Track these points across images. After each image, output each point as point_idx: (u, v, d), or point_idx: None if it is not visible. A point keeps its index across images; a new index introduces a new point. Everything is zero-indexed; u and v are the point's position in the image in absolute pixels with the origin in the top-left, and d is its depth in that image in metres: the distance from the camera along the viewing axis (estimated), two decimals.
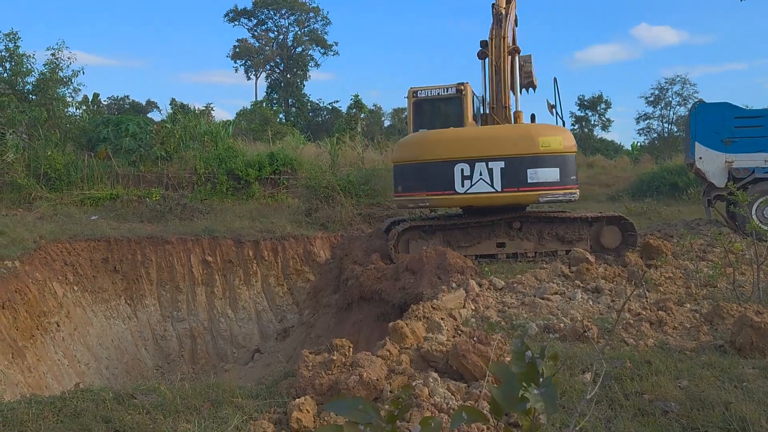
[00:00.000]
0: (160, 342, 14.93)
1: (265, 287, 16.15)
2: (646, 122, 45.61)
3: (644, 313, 7.07)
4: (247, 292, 15.97)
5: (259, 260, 16.09)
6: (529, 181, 9.53)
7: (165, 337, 14.97)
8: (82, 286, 14.11)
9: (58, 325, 12.51)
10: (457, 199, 9.80)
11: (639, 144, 41.93)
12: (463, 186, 9.59)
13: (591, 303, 7.72)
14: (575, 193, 9.80)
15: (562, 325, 6.68)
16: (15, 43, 20.68)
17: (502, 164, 9.51)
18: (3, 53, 20.56)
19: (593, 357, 5.53)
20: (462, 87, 10.56)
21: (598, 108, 48.70)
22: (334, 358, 5.21)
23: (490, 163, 9.53)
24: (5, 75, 20.97)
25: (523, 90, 11.81)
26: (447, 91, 10.65)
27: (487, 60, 10.93)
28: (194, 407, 4.94)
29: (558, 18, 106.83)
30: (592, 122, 49.05)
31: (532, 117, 10.81)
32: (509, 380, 1.52)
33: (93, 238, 14.80)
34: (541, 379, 1.54)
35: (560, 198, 9.68)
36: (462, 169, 9.58)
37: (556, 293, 8.04)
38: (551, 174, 9.55)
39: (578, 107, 49.19)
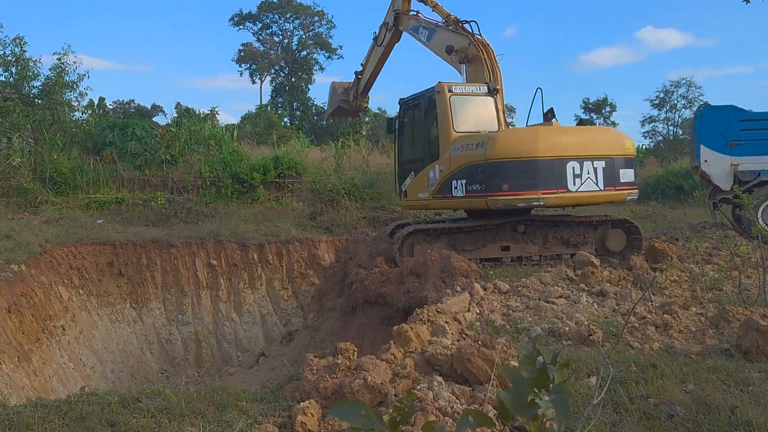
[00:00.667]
0: (165, 345, 14.96)
1: (269, 291, 16.17)
2: (651, 125, 45.48)
3: (649, 316, 7.06)
4: (252, 295, 15.99)
5: (264, 264, 16.11)
6: (621, 180, 9.81)
7: (170, 341, 15.00)
8: (88, 289, 14.15)
9: (64, 329, 12.55)
10: (569, 197, 9.59)
11: (644, 147, 41.82)
12: (574, 184, 9.49)
13: (596, 306, 7.71)
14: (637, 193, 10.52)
15: (567, 328, 6.66)
16: (21, 47, 20.80)
17: (603, 164, 9.61)
18: (9, 58, 20.66)
19: (598, 361, 5.52)
20: (497, 87, 10.52)
21: (603, 111, 48.62)
22: (339, 361, 5.21)
23: (595, 162, 9.56)
24: (11, 80, 21.07)
25: None
26: (480, 89, 10.54)
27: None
28: (199, 411, 4.95)
29: (562, 21, 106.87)
30: (597, 125, 48.94)
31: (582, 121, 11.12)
32: (519, 385, 1.51)
33: (98, 241, 14.85)
34: (551, 386, 1.53)
35: (634, 197, 10.36)
36: (573, 168, 9.46)
37: (560, 297, 8.03)
38: (631, 174, 10.09)
39: (583, 110, 49.13)
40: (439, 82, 10.38)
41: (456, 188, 9.92)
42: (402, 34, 12.90)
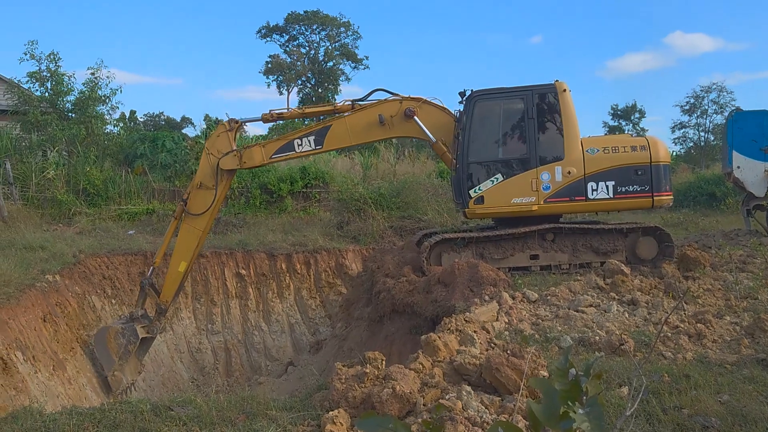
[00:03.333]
0: (195, 354, 15.11)
1: (298, 300, 16.26)
2: (682, 131, 44.78)
3: (682, 325, 6.94)
4: (281, 305, 16.09)
5: (292, 273, 16.20)
6: None
7: (200, 350, 15.15)
8: (120, 299, 14.37)
9: None
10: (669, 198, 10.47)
11: (675, 153, 41.19)
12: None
13: (627, 315, 7.60)
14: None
15: (597, 338, 6.58)
16: (56, 63, 21.31)
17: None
18: (45, 73, 21.18)
19: (630, 371, 5.44)
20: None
21: (632, 117, 48.09)
22: (367, 371, 5.22)
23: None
24: (47, 94, 21.58)
25: None
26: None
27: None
28: (229, 419, 5.00)
29: (588, 28, 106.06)
30: (626, 131, 48.39)
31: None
32: (551, 396, 1.49)
33: (130, 252, 15.08)
34: (585, 398, 1.50)
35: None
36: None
37: (590, 305, 7.94)
38: None
39: (611, 116, 48.64)
40: (557, 81, 10.15)
41: (596, 190, 9.84)
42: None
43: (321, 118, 11.23)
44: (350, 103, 10.59)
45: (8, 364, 8.81)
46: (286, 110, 10.91)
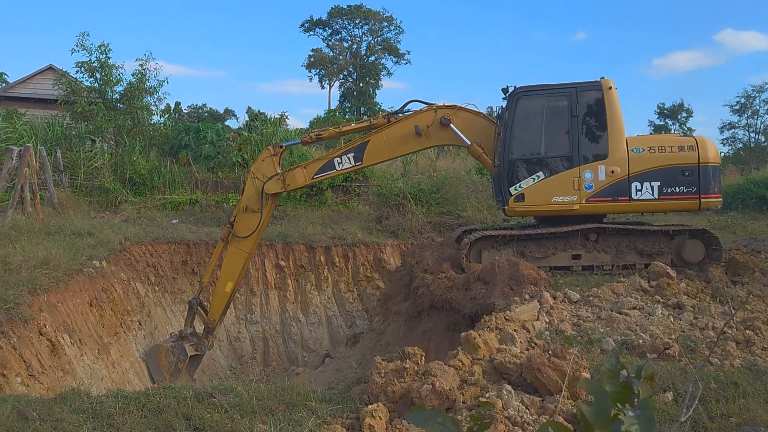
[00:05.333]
0: (234, 343, 15.34)
1: (335, 293, 16.35)
2: (731, 131, 43.40)
3: (730, 331, 6.76)
4: (318, 297, 16.21)
5: (330, 266, 16.30)
6: None
7: (239, 339, 15.37)
8: (163, 287, 14.68)
9: (140, 324, 13.06)
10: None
11: (723, 154, 40.06)
12: None
13: (672, 319, 7.44)
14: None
15: (641, 341, 6.46)
16: (106, 54, 21.79)
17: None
18: (94, 64, 21.69)
19: (674, 375, 5.33)
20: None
21: (679, 116, 46.94)
22: (407, 366, 5.22)
23: None
24: (96, 85, 22.10)
25: None
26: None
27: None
28: (269, 408, 5.06)
29: (634, 25, 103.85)
30: (673, 131, 47.28)
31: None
32: (601, 398, 1.47)
33: (173, 240, 15.38)
34: (636, 400, 1.48)
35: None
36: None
37: (634, 308, 7.79)
38: None
39: (657, 116, 47.57)
40: (603, 78, 9.96)
41: (641, 191, 9.67)
42: None
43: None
44: (385, 116, 10.63)
45: (56, 347, 9.09)
46: (324, 131, 11.13)
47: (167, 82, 23.22)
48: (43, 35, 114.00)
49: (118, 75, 22.11)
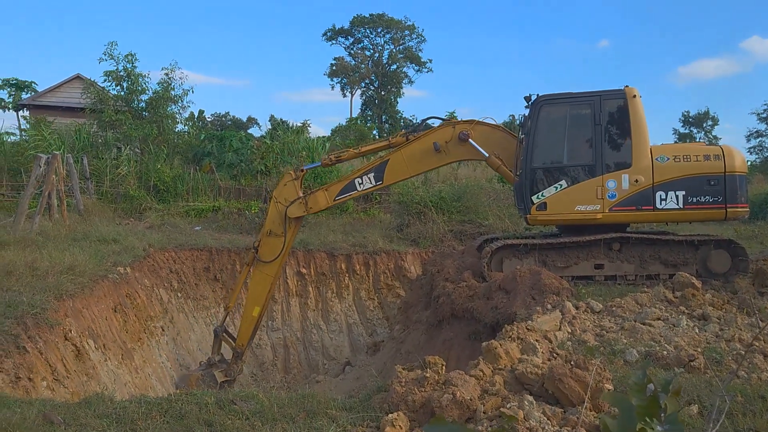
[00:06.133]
0: (255, 350, 15.41)
1: (356, 300, 16.38)
2: (758, 140, 42.71)
3: (757, 344, 6.63)
4: (339, 304, 16.24)
5: (351, 274, 16.34)
6: None
7: (260, 346, 15.45)
8: (185, 293, 14.83)
9: (163, 330, 13.20)
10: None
11: (750, 163, 39.41)
12: None
13: (697, 331, 7.31)
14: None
15: (665, 352, 6.37)
16: (132, 63, 22.17)
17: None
18: (121, 73, 22.06)
19: (700, 388, 5.24)
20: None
21: (705, 125, 46.35)
22: (427, 375, 5.20)
23: None
24: (122, 93, 22.48)
25: None
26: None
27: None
28: (290, 416, 5.08)
29: (658, 32, 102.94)
30: (698, 139, 46.68)
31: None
32: (627, 412, 1.45)
33: (196, 247, 15.54)
34: (663, 415, 1.46)
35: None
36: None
37: (658, 319, 7.68)
38: None
39: (682, 124, 47.02)
40: (627, 86, 9.89)
41: (665, 200, 9.55)
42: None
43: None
44: (404, 135, 10.66)
45: (81, 351, 9.21)
46: (344, 152, 11.14)
47: (192, 91, 23.56)
48: (71, 45, 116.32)
49: (144, 84, 22.48)
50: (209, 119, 54.02)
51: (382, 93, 60.78)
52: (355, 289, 16.37)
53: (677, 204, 9.47)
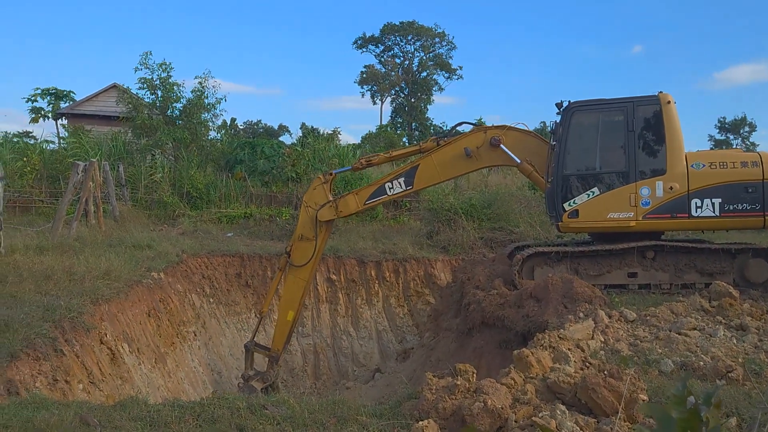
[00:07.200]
0: (286, 356, 15.47)
1: (386, 307, 16.37)
2: None
3: None
4: (369, 311, 16.25)
5: (381, 281, 16.35)
6: None
7: (290, 351, 15.52)
8: (217, 298, 15.00)
9: (195, 335, 13.36)
10: None
11: None
12: None
13: (735, 341, 7.14)
14: None
15: (701, 363, 6.23)
16: (167, 72, 22.57)
17: None
18: (156, 82, 22.48)
19: (738, 400, 5.12)
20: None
21: (741, 131, 45.39)
22: (458, 383, 5.18)
23: None
24: (157, 101, 22.89)
25: None
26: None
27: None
28: (320, 422, 5.10)
29: (693, 37, 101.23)
30: (734, 146, 45.75)
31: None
32: (667, 425, 1.41)
33: (228, 253, 15.72)
34: (704, 429, 1.41)
35: None
36: None
37: (694, 329, 7.52)
38: None
39: (718, 130, 46.11)
40: (661, 92, 9.77)
41: (701, 207, 9.41)
42: None
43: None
44: (435, 140, 10.65)
45: (116, 355, 9.39)
46: (375, 156, 11.18)
47: (225, 100, 23.86)
48: (107, 55, 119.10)
49: (178, 92, 22.85)
50: (241, 127, 54.74)
51: (412, 100, 60.89)
52: (385, 296, 16.37)
53: (713, 212, 9.29)
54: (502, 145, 10.10)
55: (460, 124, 10.92)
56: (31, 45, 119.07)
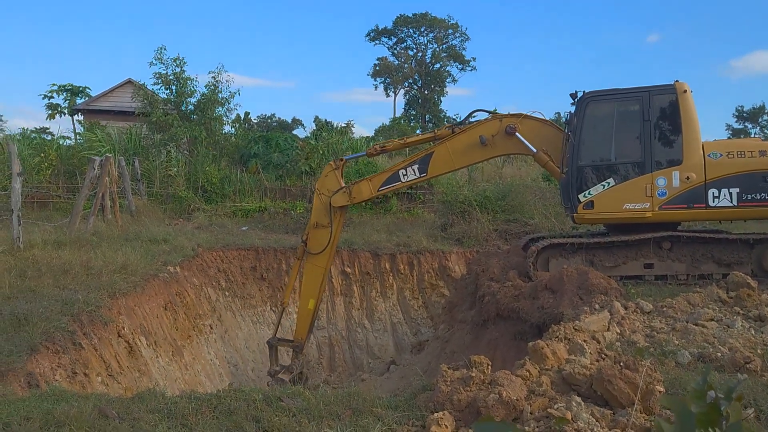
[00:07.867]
0: None
1: (400, 300, 16.39)
2: None
3: None
4: (383, 304, 16.28)
5: (396, 273, 16.36)
6: None
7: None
8: (233, 292, 15.09)
9: (211, 328, 13.47)
10: None
11: None
12: None
13: (753, 332, 7.08)
14: None
15: (719, 354, 6.18)
16: (181, 67, 22.66)
17: None
18: (170, 77, 22.58)
19: (756, 392, 5.08)
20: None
21: (760, 120, 44.78)
22: (473, 374, 5.18)
23: None
24: (172, 96, 23.00)
25: None
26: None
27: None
28: (336, 414, 5.12)
29: (709, 25, 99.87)
30: (753, 135, 45.15)
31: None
32: (686, 419, 1.38)
33: (243, 247, 15.79)
34: (724, 423, 1.38)
35: None
36: None
37: (711, 319, 7.46)
38: None
39: (735, 119, 45.53)
40: (677, 81, 9.66)
41: (718, 197, 9.33)
42: None
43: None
44: (450, 127, 10.59)
45: (133, 348, 9.49)
46: (389, 143, 11.16)
47: (239, 94, 23.92)
48: (122, 50, 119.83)
49: (192, 87, 22.95)
50: (255, 121, 54.89)
51: (426, 92, 60.71)
52: (399, 288, 16.39)
53: (731, 201, 9.18)
54: (517, 134, 10.02)
55: (474, 111, 10.85)
56: (47, 42, 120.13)
